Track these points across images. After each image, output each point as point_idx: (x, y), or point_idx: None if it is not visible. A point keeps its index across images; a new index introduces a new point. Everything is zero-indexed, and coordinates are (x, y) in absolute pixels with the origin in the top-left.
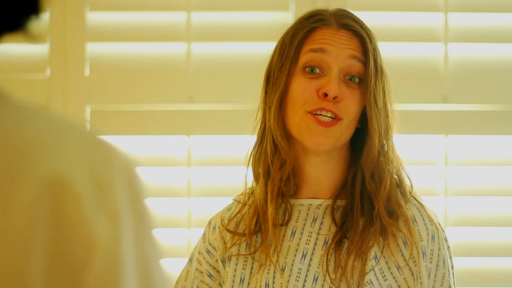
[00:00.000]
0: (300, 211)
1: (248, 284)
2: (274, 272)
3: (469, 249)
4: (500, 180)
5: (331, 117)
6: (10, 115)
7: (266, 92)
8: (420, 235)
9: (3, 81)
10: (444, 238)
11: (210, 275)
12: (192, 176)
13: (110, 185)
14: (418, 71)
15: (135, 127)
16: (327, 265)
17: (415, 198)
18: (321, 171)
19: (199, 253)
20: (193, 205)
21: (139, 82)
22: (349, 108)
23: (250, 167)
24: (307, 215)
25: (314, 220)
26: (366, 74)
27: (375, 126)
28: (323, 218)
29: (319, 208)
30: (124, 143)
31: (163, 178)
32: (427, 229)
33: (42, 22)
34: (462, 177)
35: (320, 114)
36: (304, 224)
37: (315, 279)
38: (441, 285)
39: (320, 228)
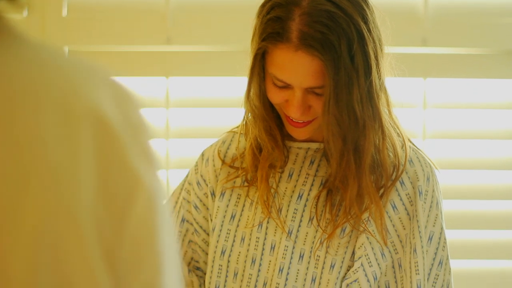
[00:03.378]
0: (297, 153)
1: (239, 220)
2: (270, 212)
3: (446, 192)
4: (478, 124)
5: (303, 121)
6: (42, 56)
7: None
8: (417, 175)
9: None
10: (437, 181)
11: (196, 207)
12: (170, 117)
13: (140, 126)
14: (397, 13)
15: (113, 68)
16: (324, 206)
17: (410, 142)
18: None
19: (189, 183)
20: (171, 146)
21: (117, 23)
22: (319, 110)
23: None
24: (304, 157)
25: (312, 162)
26: (329, 84)
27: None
28: (320, 161)
29: (317, 151)
30: None
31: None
32: (423, 170)
33: None
34: (440, 120)
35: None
36: (302, 167)
37: (311, 219)
38: (434, 225)
39: (317, 170)
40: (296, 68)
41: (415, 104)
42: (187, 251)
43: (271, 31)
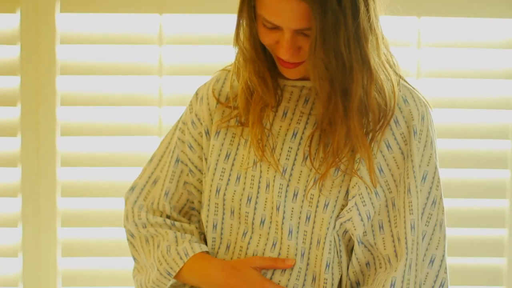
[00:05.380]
0: (292, 92)
1: (234, 159)
2: (263, 153)
3: (441, 131)
4: (472, 63)
5: (294, 62)
6: None
7: None
8: (411, 114)
9: None
10: (432, 120)
11: (190, 147)
12: (163, 54)
13: None
14: None
15: (105, 5)
16: (318, 145)
17: (405, 81)
18: None
19: (184, 123)
20: (164, 84)
21: None
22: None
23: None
24: (299, 96)
25: (306, 101)
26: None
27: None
28: (315, 99)
29: (312, 90)
30: (94, 21)
31: (134, 56)
32: (418, 109)
33: None
34: (434, 59)
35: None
36: (296, 105)
37: (305, 158)
38: (428, 165)
39: (311, 109)
40: (284, 10)
41: (409, 43)
42: (183, 193)
43: None
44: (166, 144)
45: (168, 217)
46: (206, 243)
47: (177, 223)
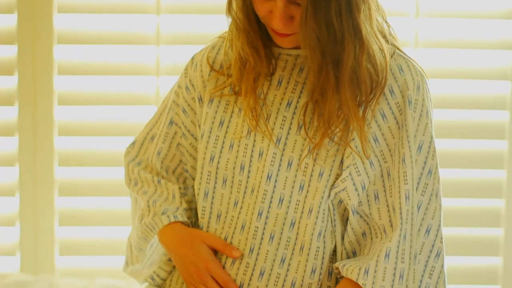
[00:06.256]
0: (287, 60)
1: (227, 127)
2: (258, 120)
3: (437, 101)
4: (470, 33)
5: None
6: None
7: None
8: (406, 84)
9: None
10: (428, 90)
11: (184, 111)
12: (161, 24)
13: None
14: None
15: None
16: (313, 114)
17: (401, 51)
18: None
19: (179, 86)
20: (162, 53)
21: None
22: None
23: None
24: (294, 65)
25: (301, 70)
26: None
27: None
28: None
29: (306, 59)
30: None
31: (131, 26)
32: (413, 79)
33: None
34: (432, 29)
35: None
36: (291, 74)
37: (300, 127)
38: (423, 135)
39: (306, 78)
40: None
41: (407, 13)
42: (176, 154)
43: None
44: (166, 102)
45: (158, 174)
46: (189, 207)
47: (162, 181)
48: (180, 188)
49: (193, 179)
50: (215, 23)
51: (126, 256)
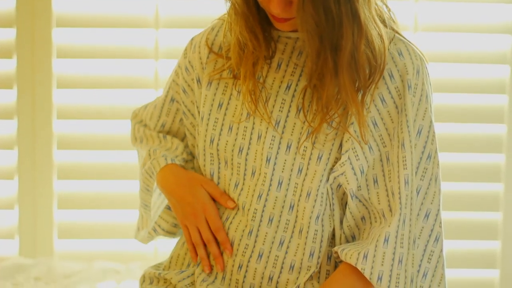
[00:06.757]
0: (286, 43)
1: (226, 109)
2: (257, 104)
3: (437, 85)
4: (470, 17)
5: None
6: None
7: None
8: (406, 68)
9: None
10: (428, 74)
11: (184, 90)
12: (160, 7)
13: None
14: None
15: None
16: (312, 98)
17: (401, 35)
18: None
19: (179, 66)
20: (160, 36)
21: None
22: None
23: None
24: (293, 48)
25: (300, 53)
26: None
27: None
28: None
29: (305, 44)
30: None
31: (130, 8)
32: (413, 63)
33: None
34: (432, 13)
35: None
36: (290, 57)
37: (299, 111)
38: (423, 119)
39: (305, 61)
40: None
41: None
42: (180, 127)
43: None
44: (166, 87)
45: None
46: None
47: (168, 137)
48: (185, 147)
49: (193, 156)
50: (214, 6)
51: (137, 222)
